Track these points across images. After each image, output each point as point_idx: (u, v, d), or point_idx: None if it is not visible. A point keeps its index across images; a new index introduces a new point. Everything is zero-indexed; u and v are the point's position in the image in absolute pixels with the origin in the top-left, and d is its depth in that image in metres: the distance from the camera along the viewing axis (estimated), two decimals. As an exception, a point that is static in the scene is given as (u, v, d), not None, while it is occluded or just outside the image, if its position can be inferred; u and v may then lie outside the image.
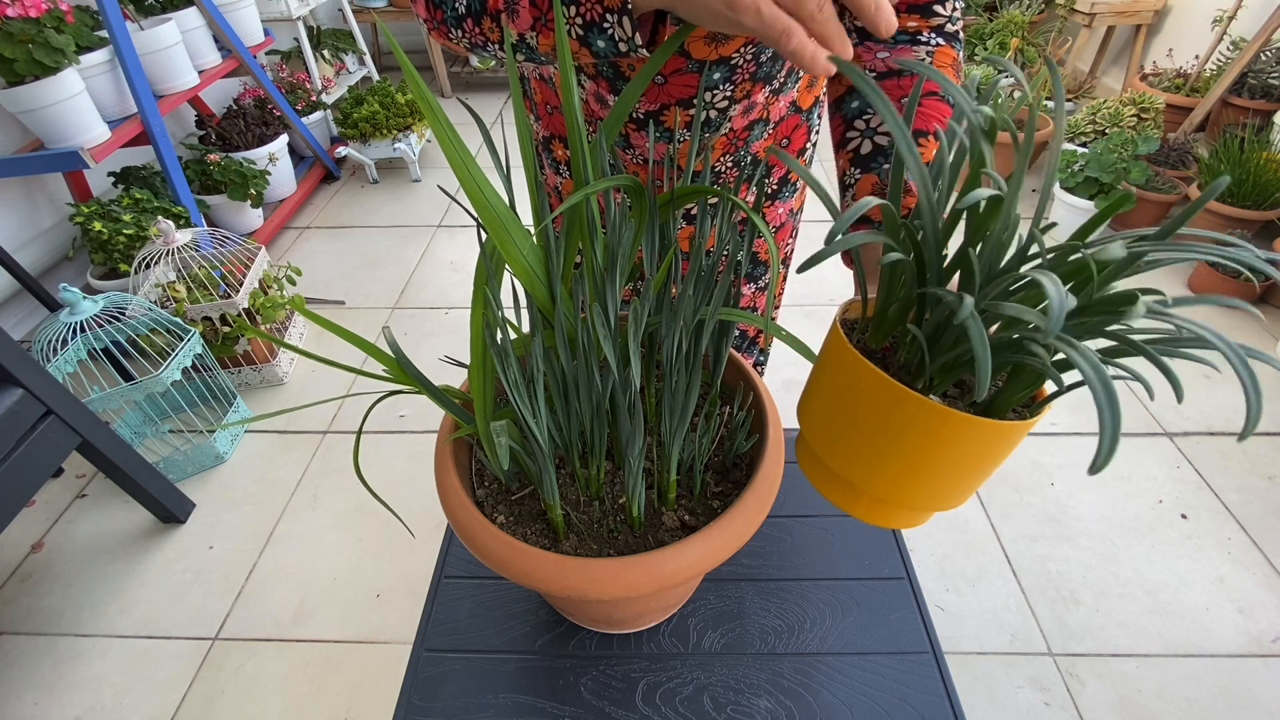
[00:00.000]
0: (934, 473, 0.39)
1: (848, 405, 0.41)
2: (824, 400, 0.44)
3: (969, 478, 0.39)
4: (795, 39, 0.38)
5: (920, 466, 0.38)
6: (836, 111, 0.65)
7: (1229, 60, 2.49)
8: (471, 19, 0.51)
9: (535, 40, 0.49)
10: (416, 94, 0.34)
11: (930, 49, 0.60)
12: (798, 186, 0.79)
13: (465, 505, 0.46)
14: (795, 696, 0.56)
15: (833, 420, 0.42)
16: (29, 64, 1.60)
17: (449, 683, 0.58)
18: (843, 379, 0.40)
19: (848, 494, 0.45)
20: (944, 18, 0.60)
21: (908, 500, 0.41)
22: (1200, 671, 1.25)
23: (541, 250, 0.43)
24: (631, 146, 0.67)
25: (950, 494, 0.40)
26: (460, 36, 0.53)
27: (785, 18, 0.38)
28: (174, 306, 1.66)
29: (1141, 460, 1.64)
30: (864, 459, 0.41)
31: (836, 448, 0.43)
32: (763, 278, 0.84)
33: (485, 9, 0.50)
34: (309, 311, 0.46)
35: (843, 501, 0.45)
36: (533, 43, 0.49)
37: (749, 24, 0.39)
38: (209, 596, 1.42)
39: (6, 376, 1.12)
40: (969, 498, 0.41)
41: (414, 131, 2.91)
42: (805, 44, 0.38)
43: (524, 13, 0.48)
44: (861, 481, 0.42)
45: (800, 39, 0.38)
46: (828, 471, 0.45)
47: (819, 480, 0.47)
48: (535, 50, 0.50)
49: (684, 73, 0.59)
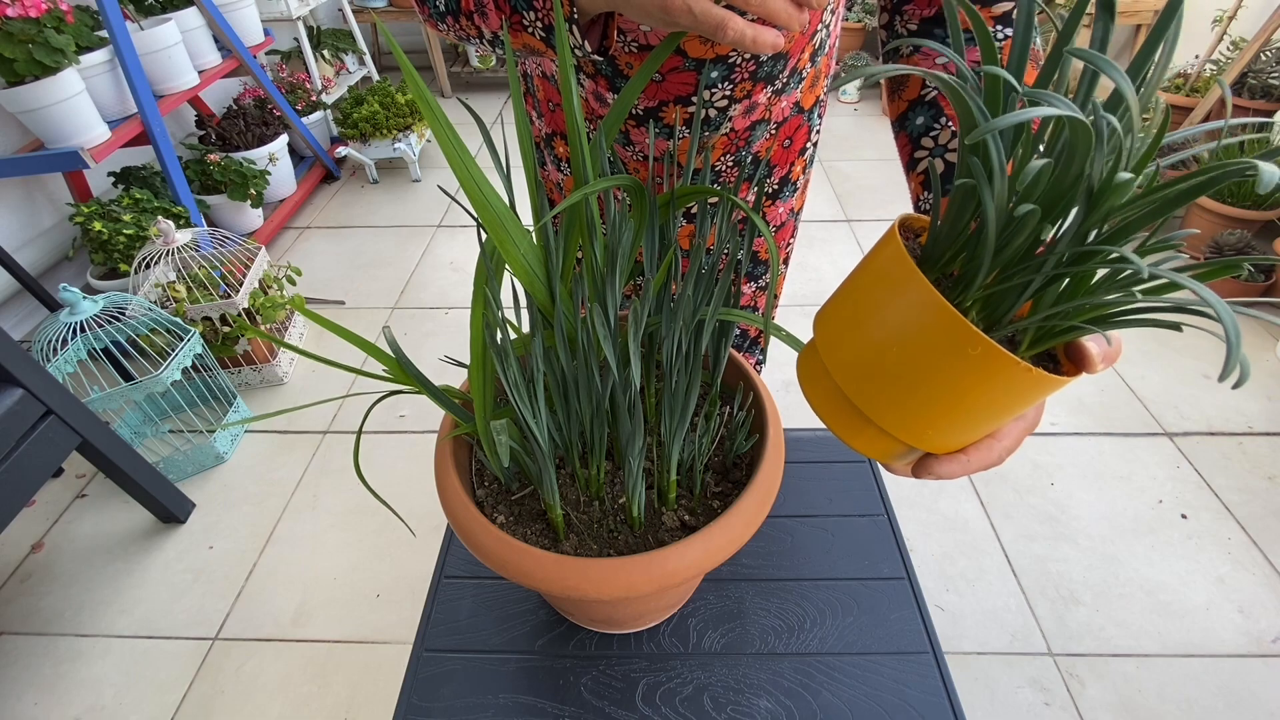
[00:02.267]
0: (960, 416, 0.35)
1: (882, 326, 0.35)
2: (854, 314, 0.38)
3: (989, 423, 0.36)
4: (731, 29, 0.39)
5: (950, 409, 0.35)
6: (901, 130, 0.60)
7: (1229, 60, 2.49)
8: (451, 16, 0.53)
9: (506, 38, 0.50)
10: (416, 94, 0.34)
11: (999, 42, 0.54)
12: (798, 186, 0.79)
13: (465, 505, 0.46)
14: (795, 696, 0.56)
15: (859, 340, 0.37)
16: (29, 64, 1.60)
17: (449, 683, 0.58)
18: (884, 294, 0.35)
19: (853, 420, 0.40)
20: (1008, 6, 0.54)
21: (919, 438, 0.37)
22: (1200, 671, 1.25)
23: (541, 250, 0.43)
24: (631, 143, 0.67)
25: (963, 438, 0.37)
26: (446, 29, 0.55)
27: (717, 12, 0.39)
28: (174, 306, 1.66)
29: (1141, 460, 1.64)
30: (887, 388, 0.36)
31: (855, 370, 0.38)
32: (763, 277, 0.84)
33: (460, 8, 0.51)
34: (309, 311, 0.46)
35: (842, 427, 0.41)
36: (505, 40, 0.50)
37: (684, 23, 0.40)
38: (209, 596, 1.42)
39: (6, 376, 1.12)
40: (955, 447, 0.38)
41: (414, 131, 2.91)
42: (743, 32, 0.39)
43: (491, 15, 0.49)
44: (876, 412, 0.37)
45: (736, 27, 0.39)
46: (836, 393, 0.39)
47: (820, 399, 0.42)
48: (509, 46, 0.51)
49: (681, 70, 0.59)
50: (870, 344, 0.37)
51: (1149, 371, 1.87)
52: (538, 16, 0.47)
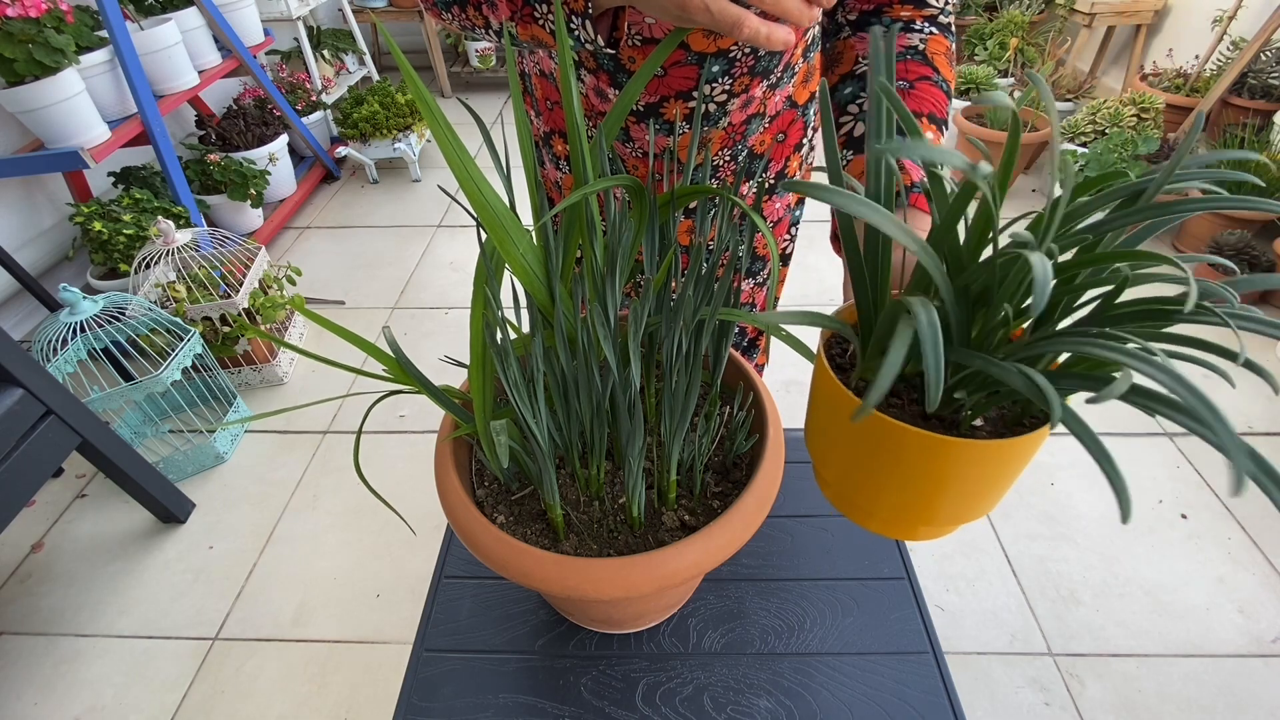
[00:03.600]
0: (948, 495, 0.37)
1: (843, 438, 0.39)
2: (821, 432, 0.43)
3: (985, 494, 0.38)
4: (748, 27, 0.40)
5: (929, 493, 0.37)
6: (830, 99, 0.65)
7: (1229, 60, 2.48)
8: (457, 6, 0.54)
9: (515, 30, 0.51)
10: (415, 94, 0.34)
11: (924, 36, 0.60)
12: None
13: (465, 505, 0.46)
14: (795, 696, 0.56)
15: (833, 450, 0.42)
16: (29, 64, 1.60)
17: (449, 683, 0.58)
18: (835, 414, 0.39)
19: (864, 515, 0.44)
20: (936, 9, 0.61)
21: (925, 519, 0.40)
22: (1200, 671, 1.25)
23: (541, 250, 0.43)
24: (631, 140, 0.67)
25: (969, 510, 0.39)
26: (450, 19, 0.56)
27: (733, 10, 0.40)
28: (174, 306, 1.66)
29: (1141, 460, 1.64)
30: (871, 488, 0.40)
31: (844, 475, 0.42)
32: (760, 273, 0.84)
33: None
34: (309, 311, 0.46)
35: (862, 519, 0.45)
36: (513, 31, 0.51)
37: (701, 20, 0.41)
38: (209, 596, 1.42)
39: (6, 376, 1.12)
40: (992, 508, 0.40)
41: (414, 131, 2.91)
42: (758, 29, 0.41)
43: (502, 5, 0.50)
44: (875, 508, 0.41)
45: (752, 25, 0.40)
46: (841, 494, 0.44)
47: (836, 499, 0.46)
48: (516, 38, 0.52)
49: (683, 65, 0.59)
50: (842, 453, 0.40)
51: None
52: (550, 10, 0.47)
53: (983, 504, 0.38)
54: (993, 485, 0.37)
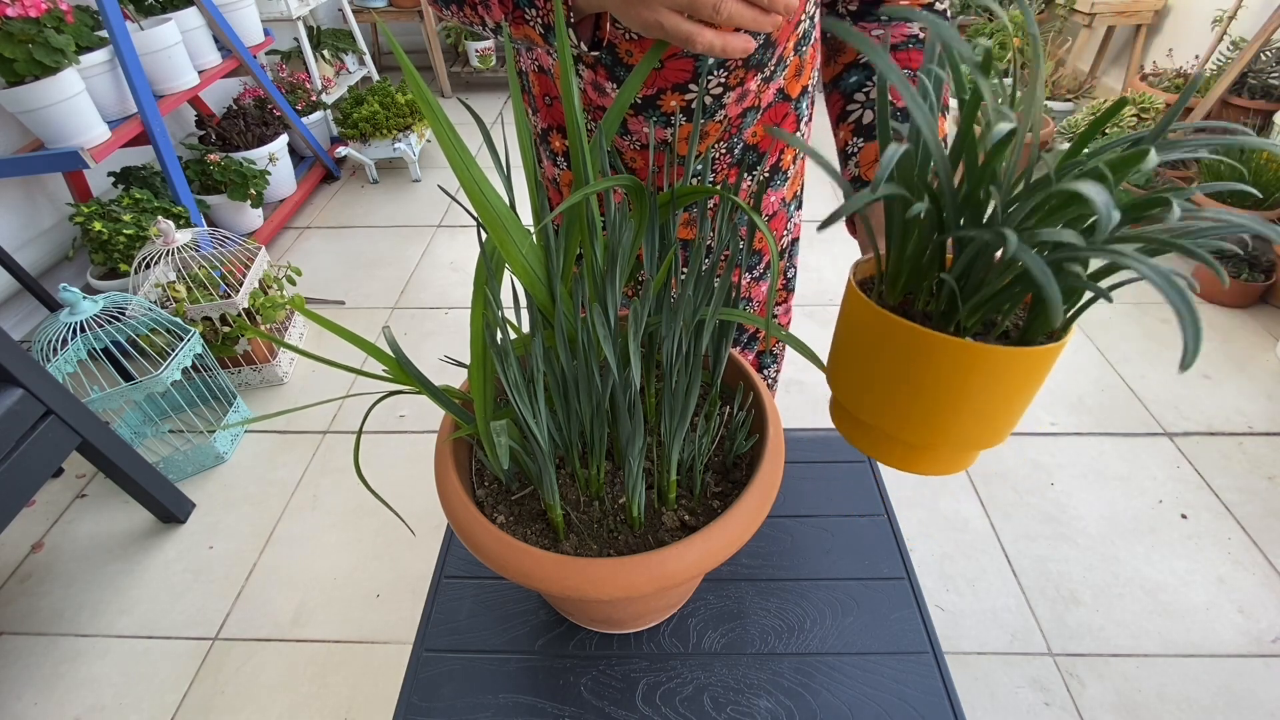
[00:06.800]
0: (972, 411, 0.39)
1: (875, 360, 0.41)
2: (851, 359, 0.44)
3: (1007, 412, 0.40)
4: (700, 41, 0.43)
5: (958, 406, 0.39)
6: (834, 89, 0.67)
7: (1229, 60, 2.48)
8: (456, 4, 0.55)
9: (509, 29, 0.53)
10: (416, 94, 0.34)
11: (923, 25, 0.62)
12: (789, 175, 0.79)
13: (465, 505, 0.46)
14: (795, 696, 0.56)
15: (862, 376, 0.43)
16: (29, 64, 1.60)
17: (449, 683, 0.58)
18: (868, 336, 0.41)
19: (884, 445, 0.45)
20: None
21: (947, 441, 0.41)
22: (1200, 671, 1.25)
23: (541, 250, 0.43)
24: (629, 132, 0.68)
25: (990, 431, 0.41)
26: (451, 15, 0.58)
27: (686, 26, 0.43)
28: (174, 306, 1.66)
29: (1141, 460, 1.64)
30: (899, 408, 0.41)
31: (868, 401, 0.43)
32: (757, 267, 0.84)
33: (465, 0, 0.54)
34: (309, 311, 0.46)
35: (880, 453, 0.46)
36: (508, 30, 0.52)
37: (658, 35, 0.44)
38: (209, 596, 1.42)
39: (6, 376, 1.12)
40: (1009, 433, 0.42)
41: (414, 131, 2.91)
42: (712, 42, 0.43)
43: (495, 7, 0.52)
44: (900, 431, 0.42)
45: (706, 39, 0.43)
46: (863, 426, 0.46)
47: (854, 436, 0.48)
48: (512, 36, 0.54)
49: (680, 56, 0.59)
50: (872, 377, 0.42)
51: (1149, 371, 1.87)
52: (538, 14, 0.49)
53: (1001, 424, 0.40)
54: (1013, 400, 0.39)
